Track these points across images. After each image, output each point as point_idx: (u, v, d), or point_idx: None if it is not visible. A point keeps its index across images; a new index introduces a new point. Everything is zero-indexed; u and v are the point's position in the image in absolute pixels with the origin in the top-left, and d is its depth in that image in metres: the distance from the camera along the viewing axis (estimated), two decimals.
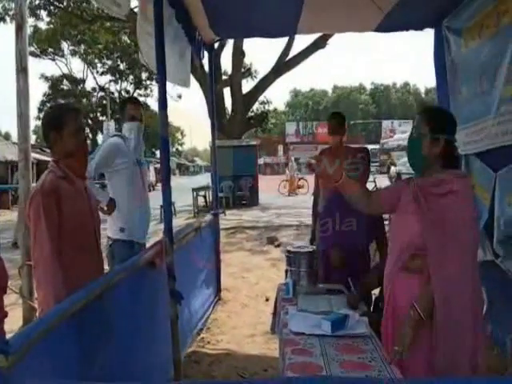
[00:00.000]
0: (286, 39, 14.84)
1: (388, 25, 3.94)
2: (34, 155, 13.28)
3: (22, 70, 3.26)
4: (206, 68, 13.56)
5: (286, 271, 2.63)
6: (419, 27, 4.16)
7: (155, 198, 4.76)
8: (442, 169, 1.82)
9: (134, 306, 2.31)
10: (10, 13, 15.39)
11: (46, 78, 31.99)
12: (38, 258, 1.83)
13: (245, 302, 4.87)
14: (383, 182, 15.05)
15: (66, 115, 1.97)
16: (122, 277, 2.06)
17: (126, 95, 30.63)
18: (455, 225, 1.71)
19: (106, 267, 3.16)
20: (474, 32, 3.41)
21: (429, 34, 4.17)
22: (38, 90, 34.52)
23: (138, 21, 3.15)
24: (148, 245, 3.04)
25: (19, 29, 3.22)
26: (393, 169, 13.82)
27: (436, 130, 1.81)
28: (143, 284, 2.42)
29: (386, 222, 2.66)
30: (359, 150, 3.31)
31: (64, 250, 1.87)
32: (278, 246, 7.87)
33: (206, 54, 4.70)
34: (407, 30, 4.23)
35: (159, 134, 2.57)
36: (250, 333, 4.00)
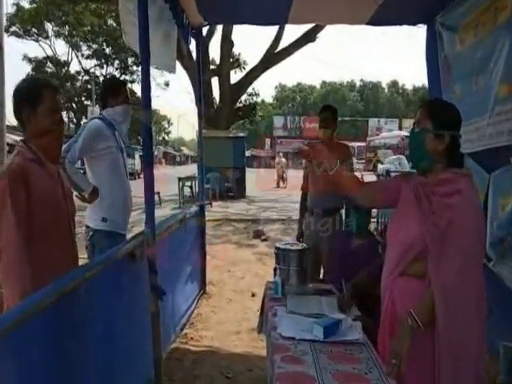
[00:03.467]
0: (275, 31, 14.70)
1: (381, 18, 3.85)
2: (13, 137, 12.79)
3: None
4: (194, 55, 13.51)
5: (275, 269, 2.50)
6: (412, 22, 4.08)
7: (140, 186, 4.55)
8: (446, 167, 1.69)
9: (111, 300, 2.14)
10: None
11: (30, 60, 31.07)
12: (2, 249, 1.64)
13: (230, 297, 4.76)
14: (371, 179, 15.06)
15: (43, 90, 1.77)
16: (99, 270, 1.87)
17: None
18: (460, 227, 1.58)
19: (85, 259, 3.01)
20: (470, 29, 3.31)
21: (419, 33, 4.09)
22: (20, 72, 33.59)
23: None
24: (130, 236, 2.87)
25: None
26: (380, 166, 13.84)
27: (440, 125, 1.67)
28: (122, 278, 2.26)
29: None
30: (347, 146, 3.25)
31: (33, 241, 1.68)
32: (265, 240, 7.79)
33: (193, 39, 4.50)
34: (400, 24, 4.15)
35: (142, 121, 2.39)
36: (235, 329, 3.89)
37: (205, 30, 5.24)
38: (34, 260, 1.66)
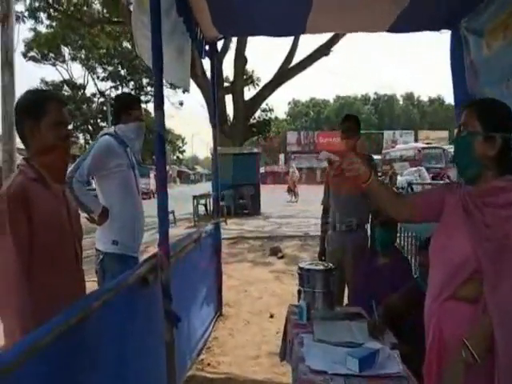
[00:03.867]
0: (289, 46, 14.74)
1: (403, 24, 3.71)
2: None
3: (7, 64, 2.95)
4: (208, 74, 13.59)
5: (299, 292, 2.30)
6: (435, 28, 3.92)
7: (155, 206, 4.42)
8: (498, 174, 1.48)
9: (122, 330, 1.97)
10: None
11: (47, 83, 31.82)
12: (0, 279, 1.48)
13: (247, 319, 4.55)
14: None
15: (47, 102, 1.62)
16: (109, 298, 1.71)
17: None
18: None
19: (95, 285, 2.85)
20: (498, 32, 3.15)
21: (434, 44, 3.93)
22: None
23: (133, 9, 2.89)
24: (142, 258, 2.72)
25: (5, 18, 2.92)
26: (400, 178, 13.43)
27: (491, 126, 1.47)
28: (134, 305, 2.09)
29: None
30: (371, 157, 3.10)
31: (35, 269, 1.52)
32: (282, 257, 7.56)
33: (207, 53, 4.42)
34: (422, 30, 4.00)
35: (155, 133, 2.25)
36: (254, 354, 3.69)
37: (219, 46, 5.16)
38: (36, 289, 1.50)
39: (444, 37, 3.95)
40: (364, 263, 3.00)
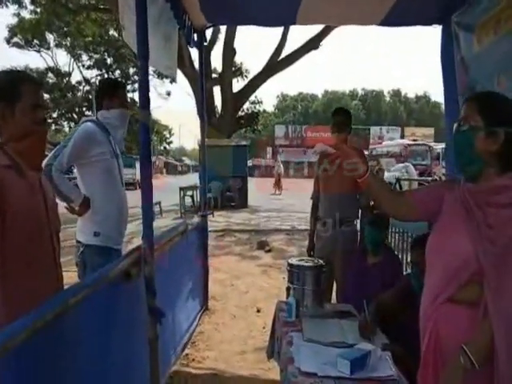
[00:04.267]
0: (278, 38, 14.60)
1: (394, 18, 3.64)
2: None
3: None
4: (196, 64, 13.40)
5: (288, 289, 2.23)
6: (427, 22, 3.87)
7: (140, 197, 4.33)
8: (500, 171, 1.40)
9: (103, 326, 1.88)
10: None
11: (31, 71, 31.05)
12: None
13: (234, 313, 4.49)
14: None
15: (21, 84, 1.50)
16: (87, 293, 1.61)
17: None
18: None
19: (75, 278, 2.74)
20: (489, 27, 3.10)
21: (422, 40, 3.89)
22: None
23: None
24: (126, 249, 2.61)
25: None
26: (387, 174, 13.40)
27: (493, 120, 1.39)
28: (115, 301, 2.00)
29: None
30: (362, 151, 3.04)
31: (7, 262, 1.41)
32: (269, 251, 7.51)
33: (195, 42, 4.29)
34: (413, 24, 3.97)
35: (140, 122, 2.14)
36: (240, 349, 3.63)
37: (207, 37, 5.01)
38: (8, 286, 1.39)
39: (434, 32, 3.90)
40: (354, 261, 2.94)
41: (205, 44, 4.71)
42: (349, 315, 2.08)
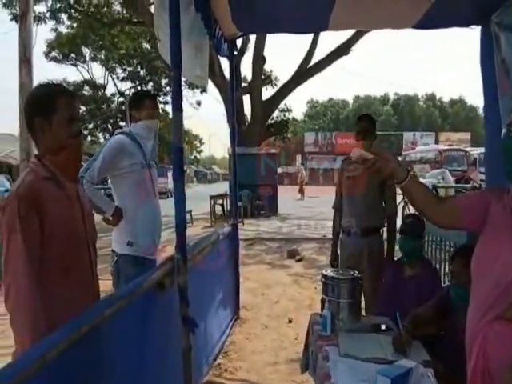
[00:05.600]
0: (308, 45, 14.56)
1: (430, 20, 3.52)
2: None
3: (25, 61, 2.91)
4: (226, 73, 13.54)
5: (322, 300, 2.17)
6: (464, 23, 3.72)
7: (172, 205, 4.36)
8: None
9: (137, 337, 1.89)
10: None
11: (68, 84, 32.17)
12: (10, 283, 1.39)
13: (265, 323, 4.45)
14: None
15: (57, 98, 1.52)
16: (122, 305, 1.62)
17: None
18: None
19: (109, 287, 2.78)
20: None
21: (453, 42, 3.74)
22: None
23: (155, 7, 2.83)
24: (159, 257, 2.64)
25: (23, 16, 2.88)
26: (422, 181, 12.92)
27: None
28: (149, 311, 2.00)
29: None
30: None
31: (46, 272, 1.43)
32: (300, 260, 7.43)
33: (225, 51, 4.32)
34: (450, 26, 3.84)
35: (171, 137, 2.16)
36: (272, 360, 3.59)
37: (238, 40, 5.05)
38: (48, 296, 1.41)
39: (469, 35, 3.77)
40: (390, 273, 2.82)
41: (235, 53, 4.75)
42: (387, 329, 2.00)
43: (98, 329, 1.44)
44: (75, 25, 19.40)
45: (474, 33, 3.67)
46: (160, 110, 3.23)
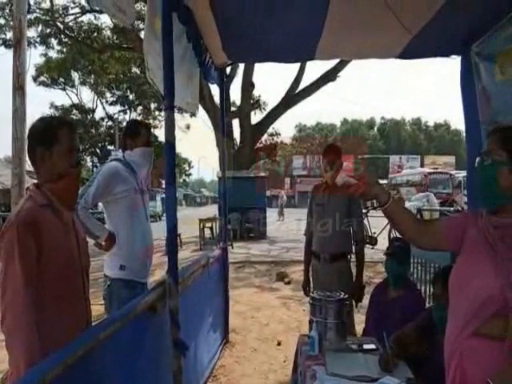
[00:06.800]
0: (295, 71, 14.92)
1: (413, 51, 3.71)
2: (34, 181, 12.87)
3: (18, 88, 2.99)
4: (215, 99, 13.75)
5: (310, 321, 2.23)
6: (446, 53, 3.91)
7: (161, 229, 4.42)
8: None
9: (129, 360, 1.92)
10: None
11: (56, 108, 32.28)
12: (7, 308, 1.43)
13: (254, 346, 4.46)
14: None
15: (58, 129, 1.62)
16: (115, 329, 1.66)
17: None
18: None
19: (100, 312, 2.80)
20: None
21: (436, 69, 3.92)
22: None
23: (145, 35, 2.93)
24: (151, 281, 2.67)
25: (17, 44, 2.97)
26: (408, 204, 13.01)
27: None
28: (141, 334, 2.04)
29: None
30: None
31: (42, 298, 1.48)
32: (289, 282, 7.46)
33: (215, 79, 4.45)
34: (432, 56, 4.01)
35: (165, 140, 2.29)
36: (262, 383, 3.60)
37: (228, 68, 5.20)
38: (43, 321, 1.45)
39: (453, 61, 3.93)
40: (375, 294, 2.90)
41: (224, 80, 4.89)
42: (372, 349, 2.06)
43: (93, 352, 1.48)
44: (65, 50, 19.57)
45: (454, 62, 3.86)
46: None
